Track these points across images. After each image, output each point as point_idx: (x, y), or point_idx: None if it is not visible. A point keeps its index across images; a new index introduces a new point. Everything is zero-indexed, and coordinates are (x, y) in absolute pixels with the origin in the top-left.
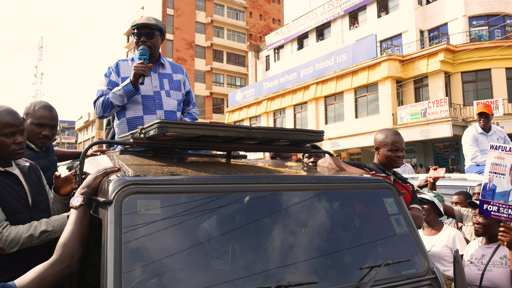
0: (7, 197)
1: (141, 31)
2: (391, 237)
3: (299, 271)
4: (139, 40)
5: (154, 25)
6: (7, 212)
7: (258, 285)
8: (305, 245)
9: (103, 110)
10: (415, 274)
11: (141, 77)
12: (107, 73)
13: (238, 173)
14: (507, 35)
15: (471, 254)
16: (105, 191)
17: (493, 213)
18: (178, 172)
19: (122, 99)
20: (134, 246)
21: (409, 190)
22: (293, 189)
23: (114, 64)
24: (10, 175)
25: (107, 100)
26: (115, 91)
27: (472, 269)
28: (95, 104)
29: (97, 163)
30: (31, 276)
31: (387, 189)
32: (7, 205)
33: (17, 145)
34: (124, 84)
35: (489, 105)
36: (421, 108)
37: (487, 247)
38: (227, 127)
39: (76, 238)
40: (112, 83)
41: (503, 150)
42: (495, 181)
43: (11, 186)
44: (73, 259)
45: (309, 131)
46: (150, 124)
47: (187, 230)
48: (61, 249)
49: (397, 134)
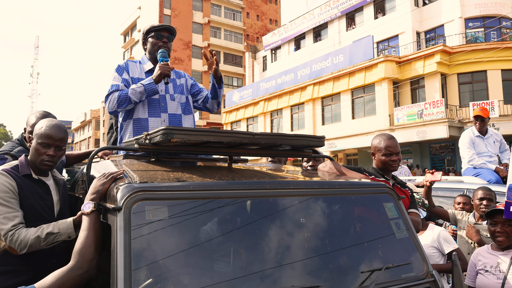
0: (34, 204)
1: (163, 34)
2: (391, 241)
3: (302, 275)
4: (160, 41)
5: (174, 30)
6: (32, 218)
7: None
8: (308, 250)
9: (118, 104)
10: (414, 278)
11: (165, 77)
12: (118, 70)
13: (242, 179)
14: (503, 37)
15: (484, 262)
16: (113, 197)
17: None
18: (184, 178)
19: (141, 96)
20: (143, 251)
21: (407, 195)
22: (296, 194)
23: (124, 63)
24: (42, 184)
25: (125, 95)
26: (134, 88)
27: (490, 278)
28: (108, 98)
29: (102, 168)
30: (51, 281)
31: (387, 193)
32: (33, 211)
33: (48, 157)
34: (147, 82)
35: (486, 108)
36: (418, 109)
37: (503, 254)
38: (231, 133)
39: (92, 243)
40: (125, 80)
41: None
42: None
43: (40, 194)
44: (91, 265)
45: (310, 136)
46: (156, 131)
47: (195, 236)
48: (78, 255)
49: (391, 139)
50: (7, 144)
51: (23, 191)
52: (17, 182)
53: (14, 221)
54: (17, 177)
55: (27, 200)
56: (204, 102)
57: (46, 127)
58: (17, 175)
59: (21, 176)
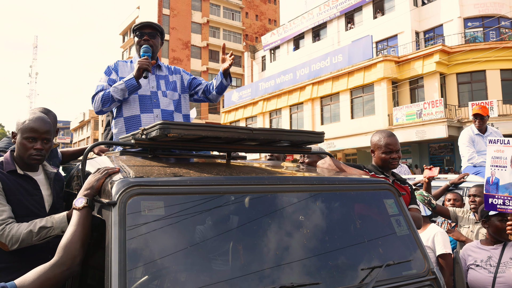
0: (21, 199)
1: (144, 31)
2: (391, 238)
3: (302, 272)
4: (142, 39)
5: (157, 25)
6: (21, 213)
7: (262, 286)
8: (307, 246)
9: (102, 104)
10: (415, 275)
11: (144, 71)
12: (106, 71)
13: (240, 174)
14: (501, 36)
15: (475, 257)
16: (108, 192)
17: (499, 206)
18: (181, 173)
19: (123, 93)
20: (138, 247)
21: (407, 191)
22: (295, 190)
23: (113, 64)
24: (29, 179)
25: (108, 94)
26: (116, 85)
27: (482, 273)
28: (94, 98)
29: (97, 164)
30: (32, 277)
31: (387, 190)
32: (22, 206)
33: (35, 151)
34: (127, 79)
35: (485, 106)
36: (417, 109)
37: (492, 248)
38: (229, 128)
39: (78, 240)
40: (112, 80)
41: (501, 143)
42: (497, 174)
43: (27, 189)
44: (75, 262)
45: (310, 132)
46: (152, 125)
47: (191, 231)
48: (63, 251)
49: (391, 136)
50: (3, 141)
51: (8, 187)
52: (1, 178)
53: (2, 215)
54: (1, 174)
55: (13, 195)
56: (205, 93)
57: (30, 121)
58: (1, 171)
59: (6, 172)
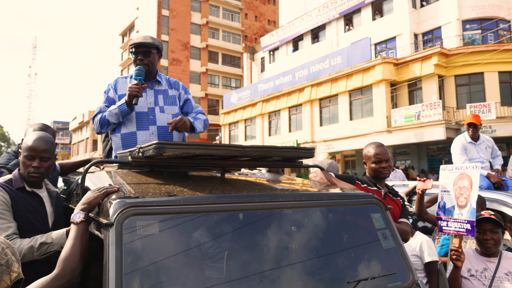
0: (28, 216)
1: (139, 50)
2: (378, 251)
3: (290, 285)
4: (137, 58)
5: (150, 44)
6: (26, 229)
7: None
8: (296, 261)
9: (100, 126)
10: (400, 287)
11: (135, 97)
12: (106, 90)
13: (232, 192)
14: (500, 39)
15: (470, 266)
16: (106, 212)
17: (444, 228)
18: (176, 192)
19: (118, 118)
20: (135, 266)
21: (398, 204)
22: (284, 207)
23: (113, 82)
24: (35, 196)
25: (104, 117)
26: (111, 110)
27: (475, 284)
28: (94, 120)
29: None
30: None
31: (374, 204)
32: (27, 222)
33: (33, 169)
34: (120, 104)
35: (478, 115)
36: (415, 111)
37: (488, 261)
38: (221, 146)
39: (76, 253)
40: (110, 99)
41: (449, 170)
42: (445, 198)
43: (34, 206)
44: (74, 274)
45: (300, 148)
46: (148, 145)
47: (186, 250)
48: (63, 264)
49: (379, 146)
50: (3, 156)
51: (16, 204)
52: (10, 195)
53: (8, 231)
54: (10, 190)
55: (21, 212)
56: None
57: (30, 141)
58: (11, 188)
59: (15, 189)
